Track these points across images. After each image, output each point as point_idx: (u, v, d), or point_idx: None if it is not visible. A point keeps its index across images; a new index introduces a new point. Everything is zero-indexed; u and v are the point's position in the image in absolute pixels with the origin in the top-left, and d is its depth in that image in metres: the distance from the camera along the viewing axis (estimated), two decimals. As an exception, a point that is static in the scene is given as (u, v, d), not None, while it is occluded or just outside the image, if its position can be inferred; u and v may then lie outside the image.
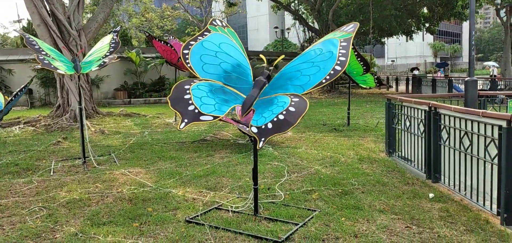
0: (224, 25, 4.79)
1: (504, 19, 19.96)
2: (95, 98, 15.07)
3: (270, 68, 4.32)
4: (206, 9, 31.26)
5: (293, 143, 7.72)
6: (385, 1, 23.92)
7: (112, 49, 6.75)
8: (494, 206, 3.94)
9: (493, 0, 19.13)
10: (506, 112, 6.26)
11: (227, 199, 4.61)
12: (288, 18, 41.62)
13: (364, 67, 9.65)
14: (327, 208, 4.23)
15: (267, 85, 4.18)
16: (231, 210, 4.21)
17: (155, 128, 10.33)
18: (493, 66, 25.95)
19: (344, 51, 4.09)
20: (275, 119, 3.52)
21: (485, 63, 26.66)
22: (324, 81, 3.82)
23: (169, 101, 3.66)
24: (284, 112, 3.55)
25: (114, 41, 7.01)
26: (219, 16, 33.73)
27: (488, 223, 3.76)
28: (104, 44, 7.06)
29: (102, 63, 6.41)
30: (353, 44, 4.83)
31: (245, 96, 4.06)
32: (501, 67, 20.64)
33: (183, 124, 3.54)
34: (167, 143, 8.16)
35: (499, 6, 19.80)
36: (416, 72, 27.03)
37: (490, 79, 15.24)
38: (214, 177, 5.49)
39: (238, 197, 4.66)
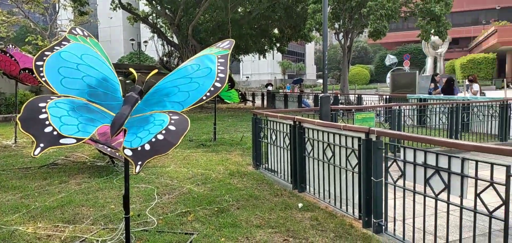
0: (86, 34, 4.26)
1: (342, 42, 22.88)
2: None
3: (144, 82, 3.99)
4: (52, 17, 28.13)
5: (160, 162, 7.35)
6: (242, 21, 25.18)
7: None
8: (356, 211, 4.34)
9: (333, 25, 21.76)
10: (353, 123, 7.08)
11: (91, 232, 4.06)
12: (145, 31, 40.37)
13: (229, 83, 9.85)
14: (205, 229, 4.07)
15: (139, 101, 3.83)
16: (98, 244, 3.72)
17: (-11, 152, 8.69)
18: (319, 83, 29.87)
19: (222, 68, 4.03)
20: (154, 139, 3.21)
21: (318, 81, 30.40)
22: (204, 97, 3.68)
23: (19, 122, 3.03)
24: (163, 132, 3.27)
25: None
26: (67, 25, 30.69)
27: (353, 227, 4.11)
28: None
29: None
30: None
31: (114, 114, 3.65)
32: (340, 84, 23.62)
33: (39, 149, 2.96)
34: (7, 170, 6.91)
35: (337, 30, 22.65)
36: (270, 87, 28.99)
37: (333, 95, 17.27)
38: (72, 207, 4.81)
39: (104, 229, 4.15)
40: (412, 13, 21.55)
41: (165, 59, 28.70)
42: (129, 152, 3.15)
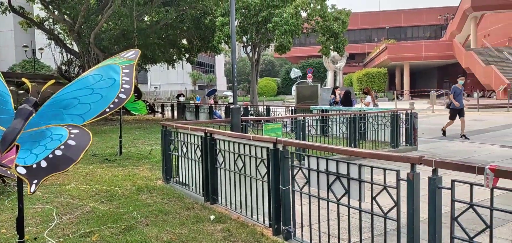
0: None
1: (250, 55, 23.46)
2: None
3: (38, 92, 3.66)
4: None
5: (60, 179, 6.78)
6: (149, 30, 24.46)
7: None
8: (266, 219, 4.46)
9: (241, 38, 22.22)
10: (262, 134, 7.30)
11: (-23, 261, 3.60)
12: (41, 37, 37.08)
13: (136, 94, 9.48)
14: (111, 249, 3.85)
15: (34, 114, 3.51)
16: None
17: None
18: (229, 95, 30.43)
19: (127, 79, 3.87)
20: (51, 155, 2.96)
21: (225, 93, 30.74)
22: (108, 110, 3.49)
23: None
24: (62, 147, 3.03)
25: None
26: None
27: (263, 235, 4.21)
28: None
29: None
30: None
31: (4, 129, 3.29)
32: (250, 96, 24.15)
33: None
34: None
35: (245, 44, 23.19)
36: (181, 98, 28.54)
37: (243, 107, 17.61)
38: (-48, 235, 4.22)
39: (-8, 256, 3.70)
40: (313, 30, 22.95)
41: (64, 68, 26.66)
42: (22, 170, 2.87)
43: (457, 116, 12.52)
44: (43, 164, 2.90)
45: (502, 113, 22.51)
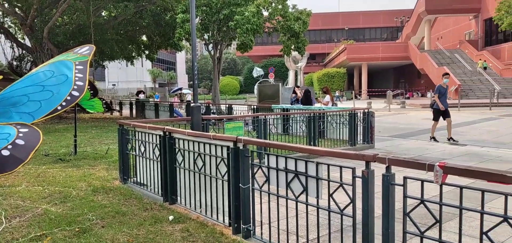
0: None
1: (212, 53, 23.30)
2: None
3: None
4: None
5: (8, 180, 6.43)
6: (106, 25, 23.74)
7: None
8: (226, 218, 4.44)
9: (202, 36, 22.03)
10: (224, 133, 7.26)
11: None
12: (-11, 31, 35.06)
13: (92, 91, 9.17)
14: (64, 252, 3.69)
15: (-22, 112, 3.32)
16: None
17: None
18: (188, 93, 29.95)
19: (81, 75, 3.74)
20: (-4, 155, 2.81)
21: (184, 90, 30.13)
22: (59, 107, 3.36)
23: None
24: (9, 147, 2.89)
25: None
26: None
27: (223, 235, 4.19)
28: None
29: None
30: None
31: None
32: (212, 94, 23.99)
33: None
34: None
35: (207, 41, 23.01)
36: (141, 96, 27.85)
37: (205, 105, 17.46)
38: None
39: None
40: (275, 29, 23.14)
41: (15, 63, 25.36)
42: (-35, 172, 2.71)
43: (441, 117, 11.69)
44: (-12, 165, 2.75)
45: (453, 112, 23.62)
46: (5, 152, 2.88)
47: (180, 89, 28.95)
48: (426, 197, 2.72)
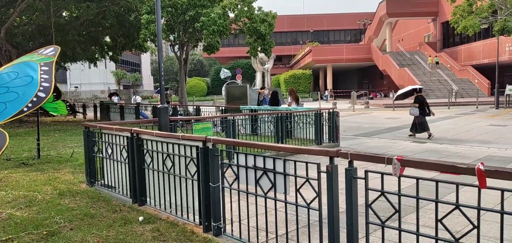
0: None
1: (178, 54, 23.12)
2: None
3: None
4: None
5: (-32, 186, 6.20)
6: (68, 26, 23.05)
7: None
8: (197, 217, 4.50)
9: (168, 37, 21.82)
10: (192, 133, 7.29)
11: None
12: None
13: (55, 94, 8.94)
14: (32, 256, 3.64)
15: None
16: None
17: None
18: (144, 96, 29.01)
19: (47, 76, 3.72)
20: (-39, 158, 2.76)
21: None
22: (25, 109, 3.34)
23: None
24: (-26, 149, 2.84)
25: None
26: None
27: (194, 233, 4.25)
28: None
29: None
30: None
31: None
32: (179, 96, 23.78)
33: None
34: None
35: (173, 42, 22.81)
36: (115, 98, 27.08)
37: (172, 106, 17.31)
38: None
39: None
40: (241, 31, 23.26)
41: (-31, 65, 24.16)
42: None
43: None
44: (-48, 168, 2.70)
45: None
46: (-30, 155, 2.83)
47: (167, 89, 27.95)
48: (388, 191, 2.91)
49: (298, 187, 3.37)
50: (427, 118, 12.64)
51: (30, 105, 3.37)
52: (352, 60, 50.34)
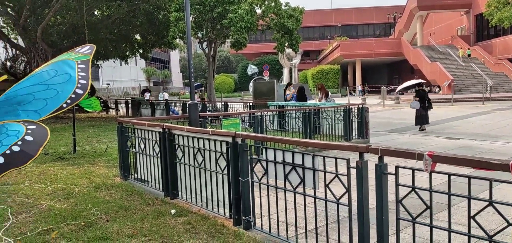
0: None
1: (206, 51, 23.39)
2: None
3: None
4: None
5: (12, 178, 6.53)
6: (100, 25, 23.72)
7: None
8: (227, 211, 4.59)
9: (196, 34, 22.13)
10: (221, 129, 7.40)
11: None
12: (-19, 31, 34.84)
13: (90, 91, 9.25)
14: (72, 245, 3.83)
15: (-13, 111, 3.44)
16: None
17: None
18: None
19: (83, 74, 3.88)
20: (8, 151, 2.94)
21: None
22: (65, 105, 3.50)
23: None
24: (19, 143, 3.02)
25: None
26: None
27: (224, 226, 4.34)
28: None
29: None
30: None
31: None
32: (207, 92, 24.08)
33: None
34: None
35: (201, 39, 23.10)
36: (147, 95, 27.71)
37: (201, 103, 17.55)
38: None
39: None
40: (268, 27, 23.27)
41: (9, 64, 25.28)
42: (-21, 168, 2.83)
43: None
44: (0, 160, 2.88)
45: (446, 107, 23.98)
46: (16, 148, 3.01)
47: (201, 85, 27.94)
48: (419, 187, 2.88)
49: (327, 183, 3.39)
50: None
51: (68, 101, 3.53)
52: (382, 54, 49.39)
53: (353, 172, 3.19)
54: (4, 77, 4.27)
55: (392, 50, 48.52)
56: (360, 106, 10.99)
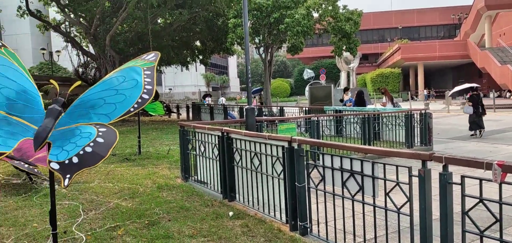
0: (0, 44, 4.06)
1: (263, 56, 23.61)
2: None
3: (66, 94, 3.89)
4: None
5: (83, 177, 7.03)
6: (162, 32, 24.82)
7: None
8: (283, 216, 4.61)
9: (253, 39, 22.40)
10: (277, 133, 7.44)
11: (12, 252, 3.83)
12: (57, 40, 37.86)
13: (154, 96, 9.73)
14: (137, 242, 4.04)
15: (63, 114, 3.73)
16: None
17: None
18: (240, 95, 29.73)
19: (149, 80, 4.08)
20: (81, 152, 3.17)
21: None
22: (132, 109, 3.70)
23: None
24: (91, 144, 3.24)
25: None
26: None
27: (281, 231, 4.36)
28: None
29: None
30: None
31: (36, 127, 3.51)
32: (263, 97, 24.28)
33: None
34: None
35: (258, 45, 23.35)
36: (208, 99, 28.58)
37: (257, 107, 17.75)
38: (-13, 229, 4.47)
39: (26, 248, 3.93)
40: (325, 30, 22.97)
41: (81, 70, 27.21)
42: (56, 166, 3.08)
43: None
44: (75, 160, 3.11)
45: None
46: (88, 149, 3.23)
47: (261, 90, 28.01)
48: (487, 198, 2.72)
49: (387, 191, 3.29)
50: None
51: (136, 105, 3.74)
52: (446, 57, 46.87)
53: (415, 180, 3.08)
54: (78, 82, 4.62)
55: (458, 53, 45.89)
56: (423, 111, 10.50)
